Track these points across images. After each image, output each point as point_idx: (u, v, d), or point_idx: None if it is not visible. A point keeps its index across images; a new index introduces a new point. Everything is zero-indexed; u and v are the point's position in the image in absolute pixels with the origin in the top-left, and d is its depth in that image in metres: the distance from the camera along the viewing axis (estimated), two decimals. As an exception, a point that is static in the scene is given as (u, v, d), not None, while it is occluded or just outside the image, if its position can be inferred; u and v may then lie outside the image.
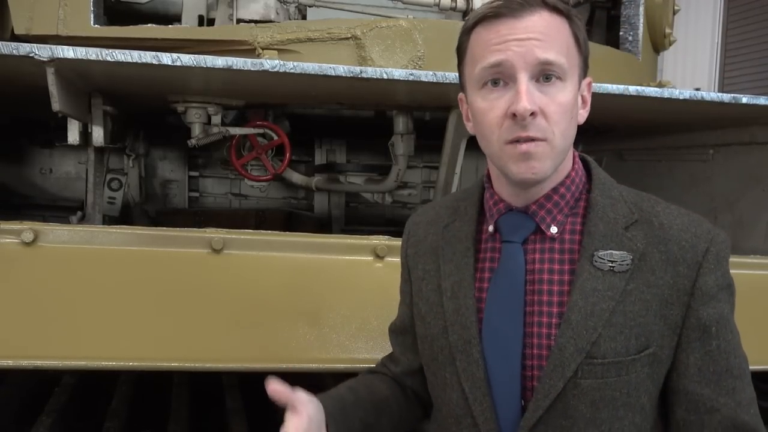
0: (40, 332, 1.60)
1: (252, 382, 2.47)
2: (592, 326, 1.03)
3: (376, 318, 1.75)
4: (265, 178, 3.26)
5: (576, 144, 3.32)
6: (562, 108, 1.02)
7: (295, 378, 2.39)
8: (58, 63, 1.72)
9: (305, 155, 3.75)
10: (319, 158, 3.75)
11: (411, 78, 1.90)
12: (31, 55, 1.67)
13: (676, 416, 1.09)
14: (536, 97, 1.01)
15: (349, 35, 2.35)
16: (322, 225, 3.65)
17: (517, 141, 1.02)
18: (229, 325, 1.69)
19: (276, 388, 1.07)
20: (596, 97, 2.06)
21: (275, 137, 2.97)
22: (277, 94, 2.51)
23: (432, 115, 3.08)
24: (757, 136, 2.48)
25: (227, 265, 1.72)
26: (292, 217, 3.72)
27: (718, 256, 1.07)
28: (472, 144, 2.47)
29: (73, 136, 2.14)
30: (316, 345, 1.72)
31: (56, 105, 1.79)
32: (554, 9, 1.03)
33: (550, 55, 1.00)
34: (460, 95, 1.17)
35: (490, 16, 1.03)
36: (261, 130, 2.92)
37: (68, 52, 1.69)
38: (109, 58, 1.70)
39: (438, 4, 2.66)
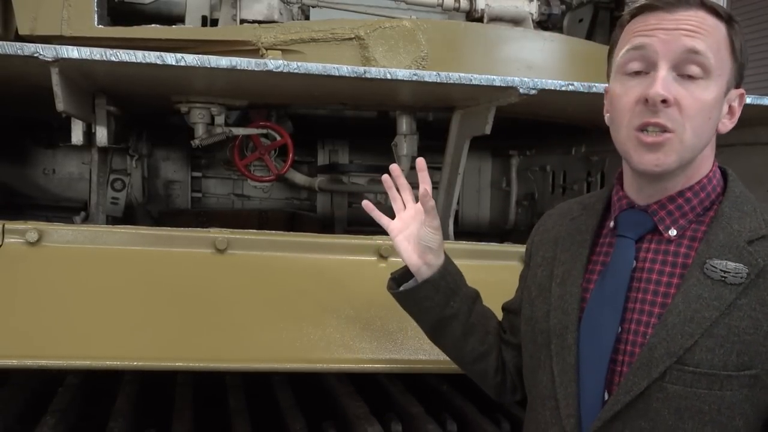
0: (44, 332, 1.60)
1: (255, 382, 2.47)
2: (689, 332, 1.01)
3: (380, 318, 1.75)
4: (267, 178, 3.27)
5: (579, 145, 3.29)
6: (699, 104, 1.01)
7: (298, 378, 2.38)
8: (62, 63, 1.72)
9: (308, 156, 3.75)
10: (322, 159, 3.75)
11: (414, 78, 1.91)
12: (35, 55, 1.67)
13: None
14: (673, 88, 1.01)
15: (353, 36, 2.35)
16: (325, 226, 3.65)
17: (645, 129, 1.02)
18: (232, 325, 1.69)
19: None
20: (598, 96, 2.06)
21: (278, 138, 2.98)
22: (280, 95, 2.51)
23: (435, 115, 3.08)
24: (761, 137, 2.48)
25: (231, 265, 1.72)
26: (295, 218, 3.72)
27: None
28: (475, 144, 2.47)
29: (77, 136, 2.15)
30: (319, 345, 1.71)
31: (60, 105, 1.80)
32: (712, 11, 1.04)
33: (698, 44, 1.00)
34: (606, 87, 1.17)
35: (646, 7, 1.06)
36: (264, 131, 2.92)
37: (72, 52, 1.69)
38: (113, 59, 1.71)
39: (441, 5, 2.66)
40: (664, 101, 0.99)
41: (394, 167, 1.37)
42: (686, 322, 1.01)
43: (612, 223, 1.16)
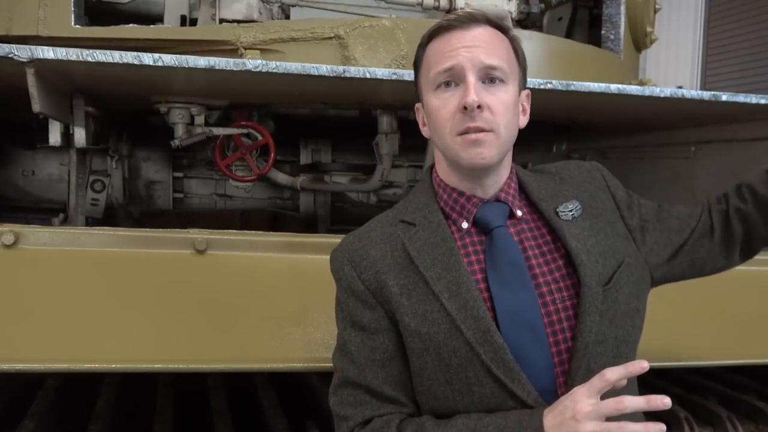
0: (21, 335, 1.58)
1: (237, 383, 2.46)
2: (594, 260, 1.20)
3: (360, 317, 1.75)
4: (249, 178, 3.25)
5: (560, 142, 3.30)
6: (505, 104, 1.18)
7: (280, 378, 2.36)
8: (37, 64, 1.70)
9: (290, 155, 3.75)
10: (305, 158, 3.74)
11: (394, 77, 1.91)
12: (10, 55, 1.65)
13: (713, 225, 1.34)
14: (483, 95, 1.16)
15: (333, 35, 2.35)
16: (308, 225, 3.64)
17: (467, 132, 1.16)
18: (213, 325, 1.68)
19: None
20: (579, 95, 2.08)
21: (260, 137, 2.97)
22: (261, 94, 2.50)
23: (416, 114, 3.08)
24: (738, 134, 2.51)
25: (211, 266, 1.71)
26: (278, 218, 3.71)
27: (608, 174, 1.36)
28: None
29: (54, 137, 2.12)
30: (301, 345, 1.71)
31: (36, 106, 1.78)
32: (496, 26, 1.23)
33: (494, 60, 1.18)
34: (417, 105, 1.31)
35: (443, 28, 1.21)
36: (245, 130, 2.91)
37: (48, 52, 1.67)
38: (89, 59, 1.69)
39: (421, 4, 2.67)
40: (479, 106, 1.14)
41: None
42: (590, 254, 1.20)
43: (465, 224, 1.23)
